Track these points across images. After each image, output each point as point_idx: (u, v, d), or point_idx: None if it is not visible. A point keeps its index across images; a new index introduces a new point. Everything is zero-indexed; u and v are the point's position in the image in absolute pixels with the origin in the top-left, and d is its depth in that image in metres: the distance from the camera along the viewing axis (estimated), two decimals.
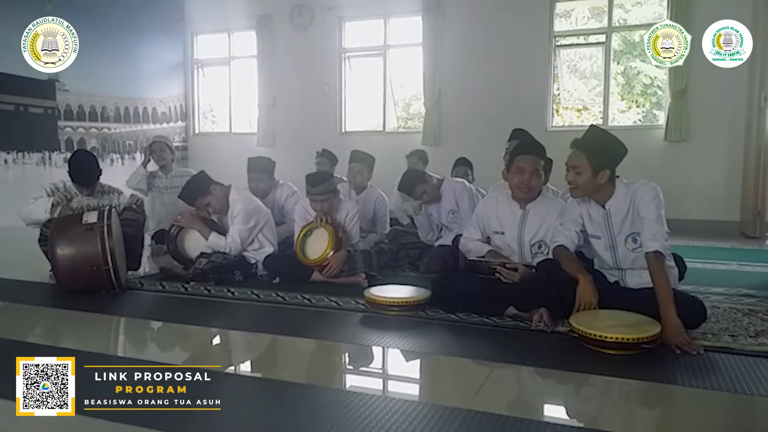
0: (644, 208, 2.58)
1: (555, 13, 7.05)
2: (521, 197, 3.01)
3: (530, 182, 2.94)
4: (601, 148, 2.63)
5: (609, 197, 2.68)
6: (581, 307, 2.54)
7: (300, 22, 8.02)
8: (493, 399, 2.00)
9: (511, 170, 3.00)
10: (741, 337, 2.55)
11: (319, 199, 3.65)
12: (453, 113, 7.31)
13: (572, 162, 2.65)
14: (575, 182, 2.65)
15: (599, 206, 2.71)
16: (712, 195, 6.29)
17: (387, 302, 3.00)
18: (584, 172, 2.61)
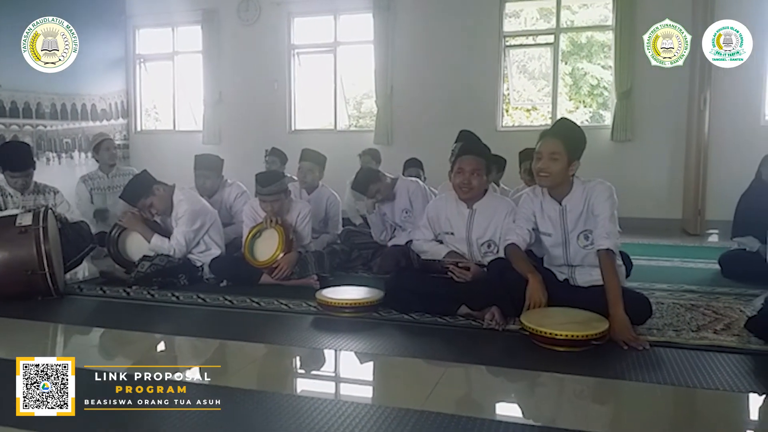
0: (599, 207, 2.63)
1: (504, 14, 7.14)
2: (464, 197, 3.03)
3: (471, 182, 2.96)
4: (575, 138, 2.68)
5: (566, 194, 2.71)
6: (530, 306, 2.57)
7: (247, 17, 7.87)
8: (446, 399, 1.99)
9: (453, 171, 3.02)
10: (684, 332, 2.63)
11: (269, 199, 3.57)
12: (405, 112, 7.31)
13: (548, 149, 2.64)
14: (549, 169, 2.64)
15: (555, 202, 2.74)
16: (655, 194, 6.50)
17: (339, 304, 2.95)
18: (561, 159, 2.62)
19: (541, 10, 8.13)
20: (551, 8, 7.26)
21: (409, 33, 7.23)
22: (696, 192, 6.15)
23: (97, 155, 4.77)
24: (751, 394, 2.05)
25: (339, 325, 2.82)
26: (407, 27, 7.24)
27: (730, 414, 2.00)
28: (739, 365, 2.24)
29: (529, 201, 2.83)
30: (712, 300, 3.21)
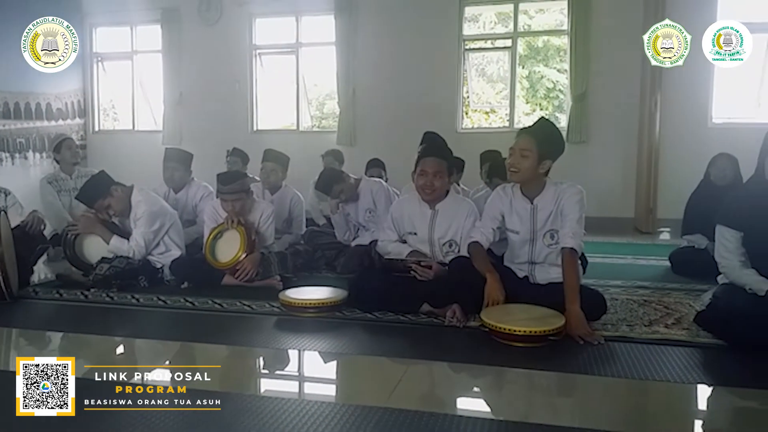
0: (568, 208, 2.72)
1: (464, 17, 7.24)
2: (427, 198, 3.08)
3: (433, 183, 3.01)
4: (549, 137, 2.76)
5: (538, 193, 2.79)
6: (488, 304, 2.63)
7: (208, 16, 7.76)
8: (408, 396, 2.02)
9: (416, 172, 3.06)
10: (637, 327, 2.73)
11: (230, 199, 3.54)
12: (367, 113, 7.33)
13: (520, 145, 2.72)
14: (519, 165, 2.72)
15: (527, 201, 2.81)
16: (609, 193, 6.68)
17: (303, 304, 2.96)
18: (531, 156, 2.69)
19: (499, 14, 8.28)
20: (509, 13, 7.40)
21: (371, 35, 7.26)
22: (648, 191, 6.37)
23: (58, 155, 4.62)
24: (699, 386, 2.15)
25: (302, 325, 2.83)
26: (369, 29, 7.27)
27: (681, 405, 2.08)
28: (688, 358, 2.34)
29: (498, 199, 2.89)
30: (663, 296, 3.34)
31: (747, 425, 1.93)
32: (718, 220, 2.58)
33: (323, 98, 9.40)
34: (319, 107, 9.49)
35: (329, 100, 9.05)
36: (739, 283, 2.49)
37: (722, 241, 2.57)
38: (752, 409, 2.02)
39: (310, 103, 8.52)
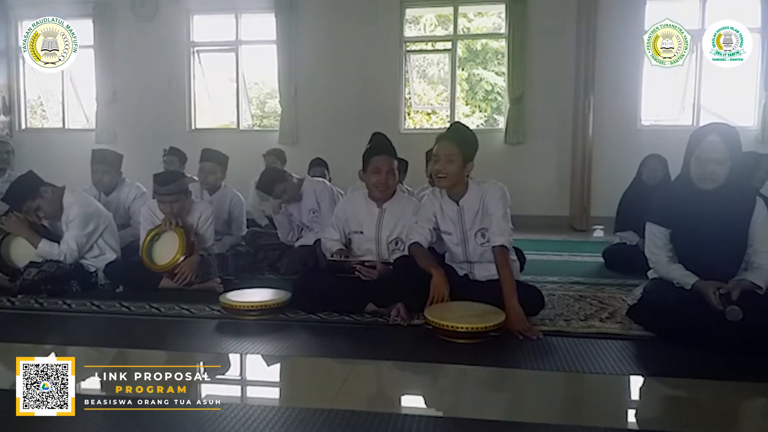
0: (493, 206, 2.79)
1: (405, 19, 7.30)
2: (379, 197, 3.08)
3: (387, 181, 3.03)
4: (469, 141, 2.81)
5: (463, 194, 2.85)
6: (434, 300, 2.67)
7: (143, 12, 7.51)
8: (354, 396, 2.02)
9: (368, 170, 3.06)
10: (573, 321, 2.82)
11: (167, 200, 3.44)
12: (310, 113, 7.29)
13: (445, 151, 2.77)
14: (446, 170, 2.77)
15: (453, 203, 2.87)
16: (545, 193, 6.90)
17: (244, 307, 2.90)
18: (456, 160, 2.75)
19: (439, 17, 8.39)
20: (449, 15, 7.51)
21: (313, 34, 7.22)
22: (582, 191, 6.62)
23: None
24: (632, 377, 2.25)
25: (245, 328, 2.78)
26: (310, 28, 7.22)
27: (615, 395, 2.17)
28: (622, 350, 2.44)
29: (429, 202, 2.95)
30: (597, 291, 3.47)
31: (676, 413, 2.02)
32: (648, 218, 2.71)
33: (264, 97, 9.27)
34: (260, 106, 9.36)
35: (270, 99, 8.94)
36: (667, 278, 2.61)
37: (651, 237, 2.69)
38: (681, 398, 2.13)
39: (251, 102, 8.38)
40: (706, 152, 2.47)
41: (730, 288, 2.37)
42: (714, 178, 2.48)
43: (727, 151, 2.45)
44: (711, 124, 2.57)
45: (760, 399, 2.08)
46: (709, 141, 2.47)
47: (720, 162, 2.46)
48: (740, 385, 2.13)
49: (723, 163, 2.46)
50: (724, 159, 2.46)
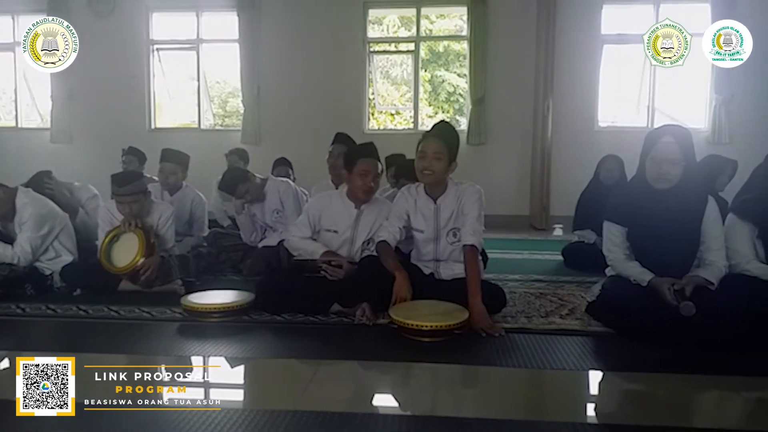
0: (469, 207, 2.84)
1: (368, 20, 7.31)
2: (363, 199, 3.07)
3: (373, 185, 3.04)
4: (455, 140, 2.86)
5: (442, 193, 2.89)
6: (396, 302, 2.69)
7: (100, 9, 7.31)
8: (319, 397, 2.01)
9: (354, 172, 3.03)
10: (534, 318, 2.88)
11: (126, 200, 3.36)
12: (273, 112, 7.22)
13: (432, 149, 2.79)
14: (433, 168, 2.79)
15: (431, 201, 2.89)
16: (506, 192, 7.00)
17: (206, 309, 2.86)
18: (443, 158, 2.79)
19: (402, 18, 8.44)
20: (411, 17, 7.56)
21: (275, 33, 7.16)
22: (541, 190, 6.75)
23: None
24: (592, 372, 2.31)
25: (207, 330, 2.74)
26: (273, 27, 7.16)
27: (576, 390, 2.22)
28: (582, 346, 2.50)
29: (403, 199, 2.97)
30: (557, 288, 3.55)
31: (635, 407, 2.08)
32: (605, 217, 2.78)
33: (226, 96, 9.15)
34: (222, 105, 9.23)
35: (233, 98, 8.83)
36: (624, 275, 2.69)
37: (609, 236, 2.76)
38: (639, 392, 2.19)
39: (213, 101, 8.27)
40: (661, 153, 2.55)
41: (684, 284, 2.45)
42: (668, 178, 2.56)
43: (680, 152, 2.54)
44: (665, 126, 2.66)
45: (714, 391, 2.16)
46: (664, 142, 2.56)
47: (674, 162, 2.54)
48: (695, 378, 2.20)
49: (677, 164, 2.54)
50: (678, 159, 2.54)
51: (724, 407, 2.06)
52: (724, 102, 6.65)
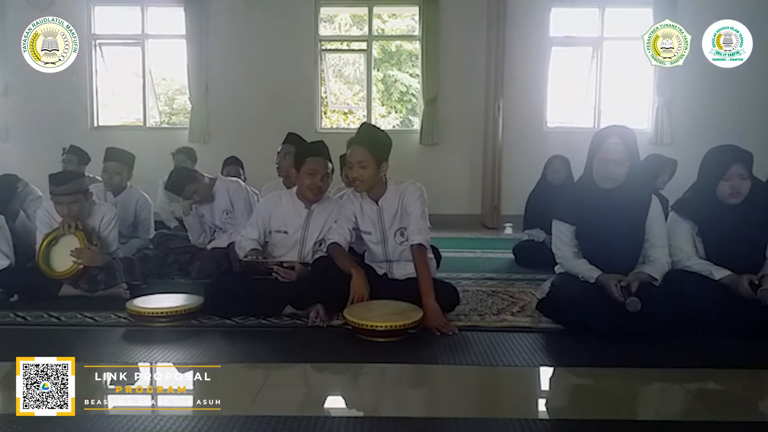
0: (411, 206, 2.83)
1: (320, 18, 7.26)
2: (313, 198, 3.03)
3: (321, 185, 2.99)
4: (378, 141, 2.82)
5: (382, 194, 2.88)
6: (354, 300, 2.67)
7: (37, 1, 7.00)
8: (271, 401, 1.97)
9: (302, 171, 2.99)
10: (487, 316, 2.92)
11: (65, 200, 3.22)
12: (222, 110, 7.08)
13: (356, 158, 2.77)
14: (361, 176, 2.78)
15: (373, 203, 2.88)
16: (458, 192, 7.09)
17: (153, 313, 2.77)
18: (369, 165, 2.77)
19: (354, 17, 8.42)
20: (363, 16, 7.55)
21: (224, 30, 7.03)
22: (492, 190, 6.86)
23: None
24: (542, 368, 2.34)
25: (154, 336, 2.65)
26: (221, 24, 7.02)
27: (528, 387, 2.25)
28: (532, 343, 2.54)
29: (349, 202, 2.96)
30: (508, 286, 3.60)
31: (584, 401, 2.12)
32: (554, 215, 2.84)
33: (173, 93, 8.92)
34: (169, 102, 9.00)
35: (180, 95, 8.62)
36: (573, 272, 2.75)
37: (557, 234, 2.82)
38: (588, 386, 2.24)
39: (159, 98, 8.04)
40: (607, 153, 2.62)
41: (630, 281, 2.52)
42: (614, 178, 2.63)
43: (626, 152, 2.62)
44: (611, 127, 2.72)
45: (659, 384, 2.22)
46: (611, 143, 2.62)
47: (620, 163, 2.61)
48: (641, 372, 2.26)
49: (623, 164, 2.62)
50: (623, 160, 2.61)
51: (669, 399, 2.12)
52: (666, 104, 6.92)
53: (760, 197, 2.74)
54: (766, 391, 2.23)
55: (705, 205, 2.77)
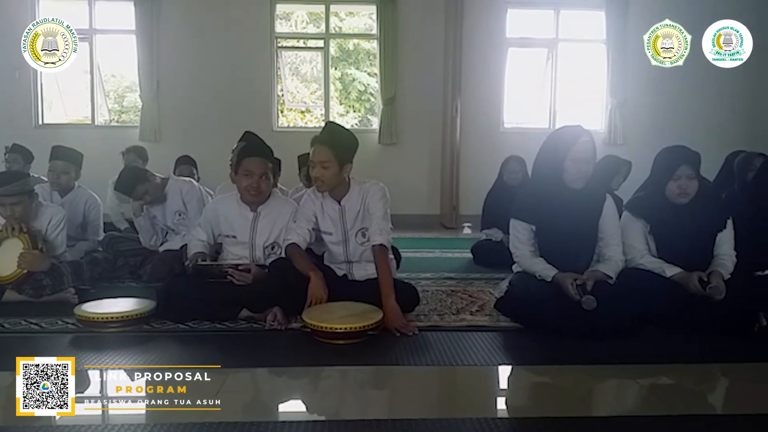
0: (374, 206, 2.81)
1: (275, 14, 7.16)
2: (251, 200, 2.96)
3: (259, 185, 2.91)
4: (343, 142, 2.78)
5: (345, 194, 2.84)
6: (312, 303, 2.62)
7: None
8: (228, 407, 1.91)
9: (239, 173, 2.93)
10: (446, 316, 2.92)
11: (8, 202, 3.07)
12: (174, 108, 6.91)
13: (318, 158, 2.73)
14: (322, 176, 2.74)
15: (335, 202, 2.84)
16: (417, 192, 7.12)
17: (103, 318, 2.66)
18: (332, 166, 2.72)
19: (311, 14, 8.33)
20: (320, 14, 7.49)
21: (176, 25, 6.86)
22: (451, 190, 6.91)
23: None
24: (501, 366, 2.36)
25: (104, 342, 2.55)
26: (173, 19, 6.85)
27: (487, 385, 2.26)
28: (491, 341, 2.56)
29: (310, 202, 2.90)
30: (467, 285, 3.62)
31: (542, 399, 2.15)
32: (512, 215, 2.86)
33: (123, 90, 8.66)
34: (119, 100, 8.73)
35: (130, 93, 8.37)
36: (530, 271, 2.77)
37: (515, 233, 2.84)
38: (545, 384, 2.26)
39: (108, 96, 7.79)
40: (580, 153, 2.65)
41: (585, 279, 2.56)
42: (586, 177, 2.68)
43: (594, 151, 2.67)
44: (576, 127, 2.74)
45: (614, 380, 2.27)
46: (583, 142, 2.66)
47: (590, 161, 2.68)
48: (597, 369, 2.29)
49: (592, 163, 2.68)
50: (593, 158, 2.69)
51: (624, 395, 2.17)
52: (619, 105, 7.11)
53: (707, 196, 2.83)
54: (715, 385, 2.31)
55: (656, 205, 2.84)
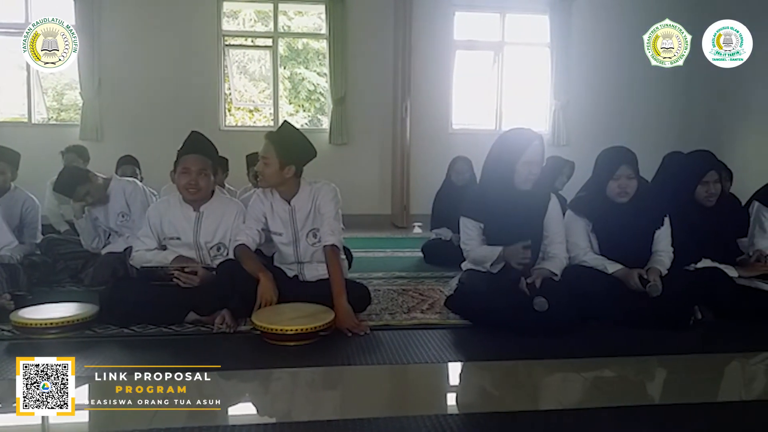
0: (325, 206, 2.80)
1: (222, 12, 7.04)
2: (190, 199, 2.89)
3: (198, 182, 2.84)
4: (289, 144, 2.76)
5: (294, 194, 2.81)
6: (262, 305, 2.59)
7: None
8: (174, 413, 1.87)
9: (177, 171, 2.86)
10: (397, 314, 2.94)
11: None
12: (116, 106, 6.69)
13: (262, 152, 2.74)
14: (262, 172, 2.75)
15: (285, 203, 2.82)
16: (369, 192, 7.13)
17: (41, 324, 2.55)
18: (271, 163, 2.71)
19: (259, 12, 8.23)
20: (268, 12, 7.40)
21: (119, 20, 6.65)
22: (402, 190, 6.96)
23: None
24: (451, 363, 2.39)
25: (43, 348, 2.44)
26: (116, 13, 6.63)
27: (438, 383, 2.29)
28: (442, 339, 2.59)
29: (259, 202, 2.87)
30: (418, 284, 3.66)
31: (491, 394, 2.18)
32: (462, 213, 2.90)
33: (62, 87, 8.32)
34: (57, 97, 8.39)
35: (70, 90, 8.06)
36: (479, 261, 2.81)
37: (465, 230, 2.89)
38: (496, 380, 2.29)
39: (46, 93, 7.47)
40: (533, 155, 2.72)
41: (534, 278, 2.63)
42: (535, 178, 2.75)
43: (543, 154, 2.76)
44: (527, 131, 2.79)
45: (559, 374, 2.33)
46: (536, 146, 2.73)
47: (540, 164, 2.76)
48: (543, 363, 2.36)
49: (541, 165, 2.76)
50: (542, 161, 2.77)
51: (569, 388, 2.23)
52: (562, 107, 7.31)
53: (646, 196, 2.95)
54: (653, 377, 2.41)
55: (597, 204, 2.94)
